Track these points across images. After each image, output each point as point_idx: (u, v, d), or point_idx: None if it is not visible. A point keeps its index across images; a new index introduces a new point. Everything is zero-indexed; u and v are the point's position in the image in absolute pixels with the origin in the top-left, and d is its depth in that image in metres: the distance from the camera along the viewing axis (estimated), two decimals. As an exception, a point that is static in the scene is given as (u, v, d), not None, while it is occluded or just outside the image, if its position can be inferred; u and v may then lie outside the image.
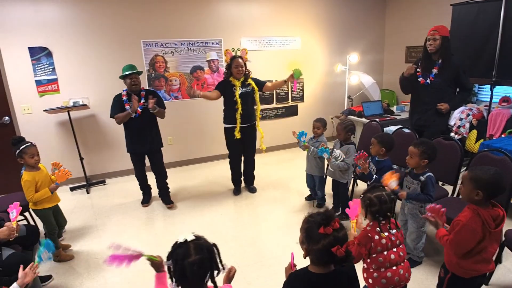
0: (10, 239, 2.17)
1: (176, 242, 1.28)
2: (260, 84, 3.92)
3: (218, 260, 1.30)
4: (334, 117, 5.85)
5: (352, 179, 3.57)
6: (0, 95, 4.27)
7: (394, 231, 1.86)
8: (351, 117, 5.13)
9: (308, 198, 3.89)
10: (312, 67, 5.85)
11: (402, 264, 1.87)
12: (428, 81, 3.39)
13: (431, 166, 2.49)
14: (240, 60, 3.70)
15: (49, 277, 2.70)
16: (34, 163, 2.74)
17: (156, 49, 4.84)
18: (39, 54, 4.33)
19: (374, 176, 2.78)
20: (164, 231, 3.43)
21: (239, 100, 3.72)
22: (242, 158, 4.12)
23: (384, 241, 1.82)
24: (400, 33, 5.90)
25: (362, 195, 1.91)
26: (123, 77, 3.55)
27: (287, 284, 1.44)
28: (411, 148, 2.50)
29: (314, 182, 3.66)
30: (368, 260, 1.85)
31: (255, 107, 3.95)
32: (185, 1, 4.83)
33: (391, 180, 2.32)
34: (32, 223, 3.29)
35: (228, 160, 4.11)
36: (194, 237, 1.28)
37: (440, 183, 3.39)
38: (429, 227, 2.63)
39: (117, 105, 3.56)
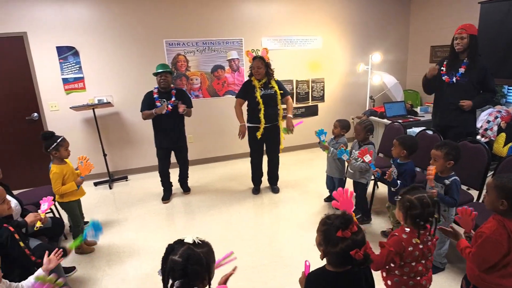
0: (35, 229, 2.26)
1: (180, 238, 1.31)
2: (283, 94, 3.84)
3: (200, 277, 1.24)
4: (355, 117, 5.76)
5: (373, 181, 3.50)
6: (29, 92, 4.46)
7: (430, 243, 1.73)
8: (372, 118, 5.03)
9: (327, 200, 3.85)
10: (333, 66, 5.78)
11: (426, 275, 1.77)
12: (454, 79, 3.27)
13: (456, 169, 2.41)
14: (259, 61, 3.66)
15: (72, 269, 2.80)
16: (67, 155, 2.88)
17: (178, 49, 4.91)
18: (67, 53, 4.48)
19: (400, 182, 2.70)
20: (183, 227, 3.48)
21: (261, 101, 3.71)
22: (265, 157, 4.11)
23: (417, 253, 1.69)
24: (425, 32, 5.74)
25: (399, 197, 1.76)
26: (155, 75, 3.75)
27: (307, 284, 1.45)
28: (434, 151, 2.41)
29: (334, 183, 3.62)
30: (392, 265, 1.75)
31: (278, 107, 3.89)
32: (207, 1, 4.87)
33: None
34: (57, 216, 3.41)
35: (249, 159, 4.13)
36: (193, 241, 1.27)
37: (465, 187, 3.28)
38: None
39: (147, 101, 3.77)
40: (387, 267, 1.77)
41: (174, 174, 4.14)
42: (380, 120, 4.94)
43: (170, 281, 1.22)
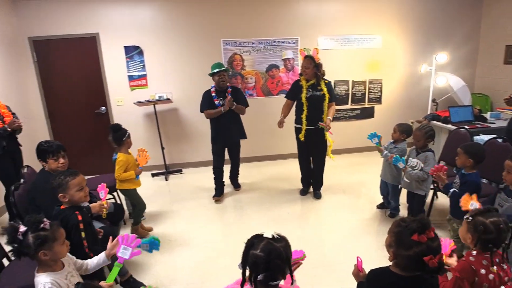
0: (103, 216, 2.46)
1: (258, 233, 1.34)
2: (329, 99, 3.67)
3: (281, 271, 1.27)
4: (415, 121, 5.43)
5: (432, 191, 3.27)
6: (99, 88, 4.87)
7: (504, 266, 1.60)
8: (435, 122, 4.70)
9: (380, 207, 3.68)
10: (393, 67, 5.50)
11: None
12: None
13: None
14: (308, 60, 3.55)
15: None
16: (131, 146, 3.14)
17: (234, 48, 5.03)
18: (133, 52, 4.81)
19: (453, 189, 2.50)
20: (232, 223, 3.56)
21: (305, 103, 3.63)
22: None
23: (492, 276, 1.55)
24: (499, 29, 5.21)
25: (470, 217, 1.63)
26: (212, 75, 3.80)
27: (368, 281, 1.45)
28: (508, 161, 2.19)
29: (388, 189, 3.44)
30: None
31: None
32: (264, 1, 4.91)
33: (471, 202, 2.07)
34: (118, 202, 3.68)
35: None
36: (272, 236, 1.29)
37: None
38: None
39: (207, 101, 3.85)
40: None
41: (225, 171, 4.24)
42: (443, 126, 4.60)
43: (253, 274, 1.26)
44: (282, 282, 1.32)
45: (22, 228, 1.51)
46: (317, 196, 4.04)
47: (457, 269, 1.60)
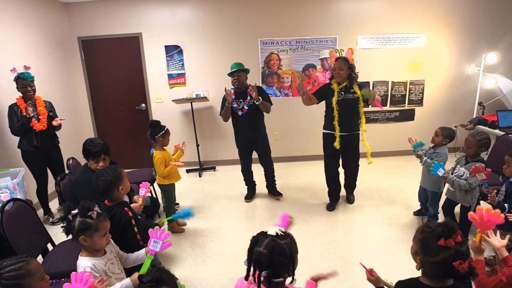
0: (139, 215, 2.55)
1: (263, 230, 1.35)
2: (364, 99, 3.37)
3: (285, 268, 1.26)
4: (459, 125, 5.14)
5: (476, 201, 3.07)
6: (140, 85, 5.08)
7: None
8: (480, 127, 4.42)
9: (417, 213, 3.52)
10: (437, 67, 5.24)
11: None
12: None
13: None
14: (342, 61, 3.34)
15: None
16: (167, 143, 3.22)
17: (271, 47, 5.03)
18: (173, 51, 4.97)
19: (506, 205, 2.33)
20: (263, 222, 3.57)
21: (335, 107, 3.37)
22: (341, 169, 3.78)
23: None
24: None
25: None
26: (230, 75, 3.68)
27: None
28: None
29: (427, 196, 3.28)
30: None
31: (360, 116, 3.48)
32: (301, 0, 4.86)
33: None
34: (154, 196, 3.82)
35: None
36: (276, 233, 1.30)
37: None
38: None
39: (224, 104, 3.67)
40: None
41: (257, 172, 4.21)
42: (491, 131, 4.31)
43: (257, 271, 1.27)
44: (288, 280, 1.31)
45: (74, 211, 1.67)
46: (350, 200, 3.89)
47: (506, 274, 1.52)
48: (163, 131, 3.14)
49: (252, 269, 1.29)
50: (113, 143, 4.92)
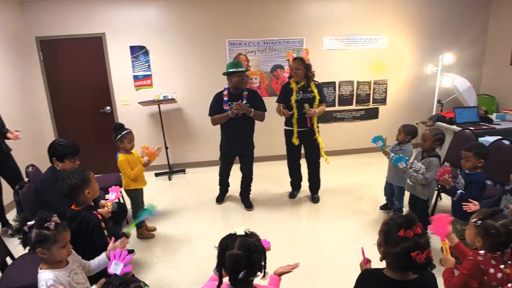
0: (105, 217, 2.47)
1: (230, 232, 1.33)
2: (320, 100, 3.57)
3: (260, 264, 1.28)
4: (420, 122, 5.39)
5: (436, 192, 3.24)
6: (104, 88, 4.91)
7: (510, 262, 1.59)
8: (439, 123, 4.66)
9: (383, 208, 3.66)
10: (398, 67, 5.47)
11: None
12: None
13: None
14: (298, 61, 3.46)
15: (131, 251, 3.02)
16: (130, 147, 3.11)
17: (239, 48, 5.03)
18: (138, 52, 4.84)
19: (460, 191, 2.48)
20: (234, 223, 3.56)
21: (294, 105, 3.54)
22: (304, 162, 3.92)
23: (500, 275, 1.54)
24: (507, 30, 5.16)
25: (479, 221, 1.61)
26: (228, 74, 3.48)
27: (360, 278, 1.45)
28: None
29: (393, 191, 3.42)
30: None
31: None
32: (269, 1, 4.91)
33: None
34: (122, 202, 3.70)
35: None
36: (244, 233, 1.29)
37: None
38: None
39: (216, 105, 3.55)
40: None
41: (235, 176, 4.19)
42: (448, 127, 4.56)
43: (233, 275, 1.24)
44: (259, 277, 1.31)
45: (31, 222, 1.56)
46: (315, 200, 3.96)
47: (466, 268, 1.59)
48: (120, 135, 3.02)
49: (225, 273, 1.27)
50: (77, 148, 4.71)
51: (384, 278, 1.35)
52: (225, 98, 3.52)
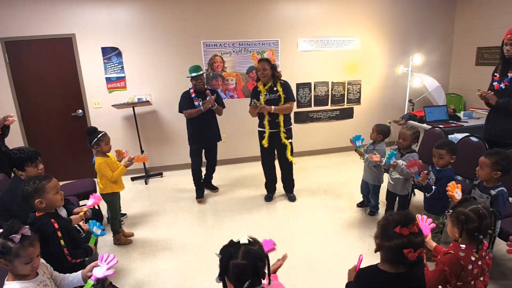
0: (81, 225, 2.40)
1: (232, 240, 1.30)
2: (286, 98, 3.60)
3: (263, 272, 1.27)
4: (393, 121, 5.56)
5: (411, 189, 3.34)
6: (75, 90, 4.74)
7: (487, 256, 1.64)
8: (411, 122, 4.83)
9: (360, 205, 3.74)
10: (371, 68, 5.62)
11: None
12: (502, 85, 3.06)
13: (504, 180, 2.26)
14: (264, 62, 3.51)
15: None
16: (108, 149, 3.04)
17: (215, 49, 5.00)
18: (110, 53, 4.71)
19: (433, 187, 2.58)
20: (213, 226, 3.52)
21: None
22: (277, 163, 3.95)
23: (476, 271, 1.59)
24: (472, 32, 5.41)
25: (451, 211, 1.67)
26: (191, 77, 3.85)
27: (356, 280, 1.46)
28: (482, 158, 2.27)
29: (369, 189, 3.51)
30: (448, 286, 1.66)
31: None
32: (244, 3, 4.92)
33: (456, 189, 2.12)
34: (96, 208, 3.58)
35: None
36: (248, 241, 1.27)
37: (512, 199, 3.06)
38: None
39: (186, 101, 3.86)
40: (440, 287, 1.67)
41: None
42: (419, 125, 4.73)
43: (238, 284, 1.22)
44: (264, 281, 1.31)
45: None
46: (292, 199, 4.01)
47: (445, 263, 1.61)
48: (96, 138, 2.94)
49: (229, 283, 1.25)
50: (47, 153, 4.53)
51: (379, 272, 1.38)
52: (193, 95, 3.86)
